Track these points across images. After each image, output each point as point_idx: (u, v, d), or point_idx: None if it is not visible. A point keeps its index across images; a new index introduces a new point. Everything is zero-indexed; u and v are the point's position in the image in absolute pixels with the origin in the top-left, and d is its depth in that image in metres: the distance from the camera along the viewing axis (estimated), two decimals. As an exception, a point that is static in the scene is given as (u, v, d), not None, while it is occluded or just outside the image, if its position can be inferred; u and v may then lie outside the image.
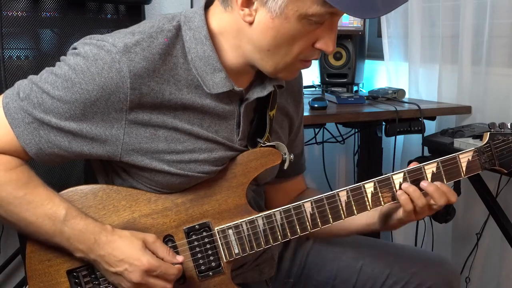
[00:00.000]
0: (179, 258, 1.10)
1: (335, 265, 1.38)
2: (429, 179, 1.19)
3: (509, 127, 1.25)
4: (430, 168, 1.20)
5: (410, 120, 2.08)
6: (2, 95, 1.09)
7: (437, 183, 1.17)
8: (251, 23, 1.06)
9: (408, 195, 1.16)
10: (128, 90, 1.04)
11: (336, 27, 1.07)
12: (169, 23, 1.10)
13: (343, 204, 1.17)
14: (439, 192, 1.16)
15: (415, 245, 2.28)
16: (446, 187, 1.18)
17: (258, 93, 1.16)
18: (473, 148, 1.23)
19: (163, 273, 1.07)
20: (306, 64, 1.12)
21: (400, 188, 1.17)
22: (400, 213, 1.20)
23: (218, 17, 1.11)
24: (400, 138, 2.30)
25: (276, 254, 1.35)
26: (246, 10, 1.05)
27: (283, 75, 1.13)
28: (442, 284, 1.33)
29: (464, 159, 1.21)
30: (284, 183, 1.39)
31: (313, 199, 1.17)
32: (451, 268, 1.38)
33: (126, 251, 1.06)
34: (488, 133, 1.25)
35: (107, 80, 1.03)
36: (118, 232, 1.09)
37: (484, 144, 1.23)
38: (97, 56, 1.04)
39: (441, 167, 1.20)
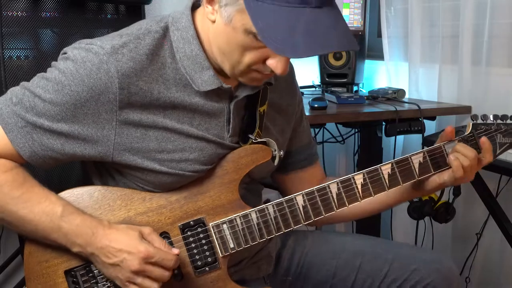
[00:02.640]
0: (175, 251, 1.11)
1: (334, 264, 1.38)
2: (417, 170, 1.22)
3: (491, 118, 1.29)
4: (417, 159, 1.23)
5: (410, 120, 2.08)
6: None
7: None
8: (213, 22, 1.08)
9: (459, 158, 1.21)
10: (117, 90, 1.06)
11: None
12: (156, 24, 1.13)
13: (334, 196, 1.19)
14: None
15: (415, 244, 2.28)
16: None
17: (248, 91, 1.18)
18: (457, 138, 1.26)
19: (161, 260, 1.07)
20: (264, 77, 1.11)
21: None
22: (445, 176, 1.24)
23: (200, 16, 1.13)
24: (400, 138, 2.30)
25: (273, 251, 1.36)
26: (210, 7, 1.07)
27: (243, 80, 1.13)
28: (441, 281, 1.33)
29: (449, 148, 1.25)
30: (301, 173, 1.40)
31: (305, 192, 1.18)
32: (450, 265, 1.37)
33: (123, 242, 1.07)
34: (471, 123, 1.28)
35: (96, 81, 1.05)
36: (114, 226, 1.10)
37: (468, 134, 1.27)
38: (86, 59, 1.06)
39: (427, 157, 1.23)
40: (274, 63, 1.06)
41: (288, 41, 0.97)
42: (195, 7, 1.15)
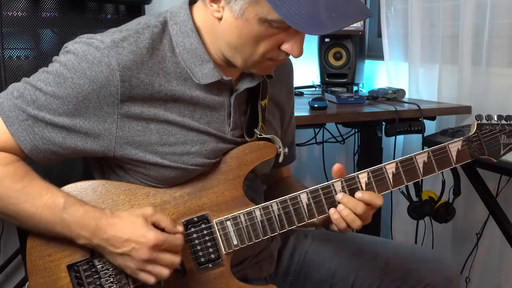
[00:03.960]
0: (180, 228, 1.11)
1: (333, 263, 1.38)
2: (421, 169, 1.22)
3: (495, 118, 1.29)
4: (421, 158, 1.22)
5: (410, 120, 2.08)
6: None
7: (359, 193, 1.16)
8: (219, 19, 1.08)
9: (340, 213, 1.16)
10: (118, 82, 1.06)
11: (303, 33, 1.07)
12: (155, 19, 1.14)
13: None
14: (351, 203, 1.15)
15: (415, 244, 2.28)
16: (368, 195, 1.16)
17: (248, 83, 1.18)
18: (462, 138, 1.26)
19: (171, 246, 1.08)
20: (276, 63, 1.13)
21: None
22: (334, 227, 1.20)
23: (200, 12, 1.14)
24: (400, 138, 2.30)
25: (275, 252, 1.36)
26: (215, 6, 1.07)
27: (255, 71, 1.15)
28: (441, 282, 1.33)
29: (453, 148, 1.25)
30: (273, 170, 1.38)
31: (309, 190, 1.18)
32: (450, 265, 1.38)
33: (129, 231, 1.07)
34: (476, 123, 1.28)
35: (97, 74, 1.06)
36: (117, 214, 1.10)
37: (473, 134, 1.27)
38: (87, 52, 1.07)
39: (432, 157, 1.23)
40: (290, 47, 1.07)
41: (314, 19, 0.99)
42: (192, 1, 1.16)
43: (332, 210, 1.17)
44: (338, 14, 1.01)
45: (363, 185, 1.19)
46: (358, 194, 1.17)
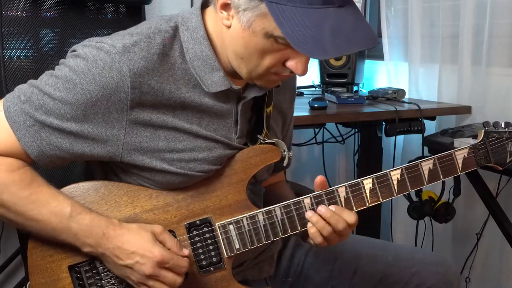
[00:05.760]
0: (185, 251, 1.11)
1: (334, 265, 1.38)
2: (426, 176, 1.21)
3: (502, 126, 1.28)
4: (426, 165, 1.21)
5: (410, 120, 2.09)
6: (3, 99, 1.10)
7: (333, 207, 1.15)
8: (228, 27, 1.07)
9: (315, 225, 1.14)
10: (129, 89, 1.05)
11: None
12: (166, 24, 1.12)
13: (342, 200, 1.18)
14: (334, 217, 1.14)
15: (415, 245, 2.28)
16: (340, 210, 1.15)
17: (256, 92, 1.17)
18: (468, 145, 1.25)
19: (175, 266, 1.07)
20: (281, 78, 1.12)
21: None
22: (311, 240, 1.18)
23: (211, 18, 1.13)
24: (400, 138, 2.30)
25: (275, 253, 1.36)
26: (224, 13, 1.07)
27: (259, 83, 1.14)
28: (441, 284, 1.33)
29: (460, 155, 1.24)
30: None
31: (313, 195, 1.17)
32: (450, 268, 1.38)
33: (136, 244, 1.07)
34: (483, 130, 1.27)
35: (108, 80, 1.04)
36: (126, 226, 1.09)
37: (479, 142, 1.26)
38: (97, 57, 1.05)
39: (437, 164, 1.22)
40: (294, 65, 1.06)
41: (317, 42, 0.98)
42: (204, 5, 1.15)
43: (310, 224, 1.15)
44: (342, 40, 0.99)
45: (367, 191, 1.18)
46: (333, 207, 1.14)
